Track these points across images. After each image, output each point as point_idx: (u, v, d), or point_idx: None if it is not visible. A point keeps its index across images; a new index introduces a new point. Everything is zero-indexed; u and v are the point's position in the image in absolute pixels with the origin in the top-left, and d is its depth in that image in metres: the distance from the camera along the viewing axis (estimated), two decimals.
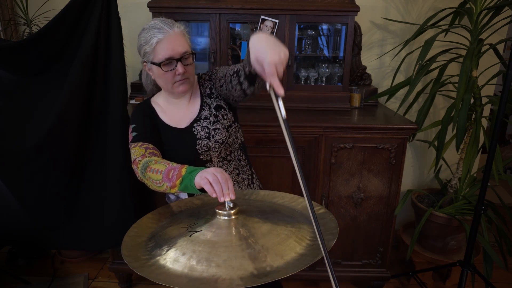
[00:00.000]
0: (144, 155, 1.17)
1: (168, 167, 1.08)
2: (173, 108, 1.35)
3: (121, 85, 1.75)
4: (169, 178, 1.06)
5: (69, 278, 2.40)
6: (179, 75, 1.22)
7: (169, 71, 1.21)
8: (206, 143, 1.30)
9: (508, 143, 4.02)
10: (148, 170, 1.11)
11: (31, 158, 1.69)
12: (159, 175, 1.08)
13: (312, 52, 2.37)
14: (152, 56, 1.21)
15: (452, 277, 2.35)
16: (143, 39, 1.23)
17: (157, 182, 1.08)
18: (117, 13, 1.70)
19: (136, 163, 1.17)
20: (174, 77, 1.23)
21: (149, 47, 1.20)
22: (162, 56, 1.19)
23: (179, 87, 1.25)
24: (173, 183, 1.05)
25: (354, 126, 1.99)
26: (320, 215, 1.08)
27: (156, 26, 1.20)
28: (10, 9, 2.47)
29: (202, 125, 1.31)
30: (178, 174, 1.05)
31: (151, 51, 1.21)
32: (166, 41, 1.18)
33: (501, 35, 2.35)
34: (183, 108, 1.35)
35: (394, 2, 2.47)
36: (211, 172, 1.00)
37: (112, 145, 1.78)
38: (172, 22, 1.22)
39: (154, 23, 1.22)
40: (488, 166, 1.80)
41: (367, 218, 2.14)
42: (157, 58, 1.20)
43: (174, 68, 1.21)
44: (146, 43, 1.21)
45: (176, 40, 1.20)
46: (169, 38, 1.19)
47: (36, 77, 1.71)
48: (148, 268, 0.88)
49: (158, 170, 1.09)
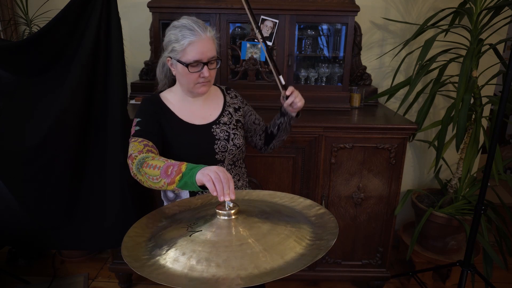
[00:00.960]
0: (141, 151, 1.17)
1: (167, 163, 1.07)
2: (186, 105, 1.37)
3: (121, 85, 1.76)
4: (167, 174, 1.05)
5: (69, 278, 2.40)
6: (203, 78, 1.27)
7: (195, 73, 1.25)
8: (224, 144, 1.35)
9: (508, 143, 4.02)
10: (144, 166, 1.10)
11: (31, 158, 1.69)
12: (156, 171, 1.07)
13: (312, 52, 2.37)
14: (180, 55, 1.24)
15: (452, 277, 2.35)
16: (174, 36, 1.25)
17: (154, 178, 1.07)
18: (117, 13, 1.70)
19: (132, 158, 1.16)
20: (198, 79, 1.27)
21: (180, 46, 1.23)
22: (191, 58, 1.23)
23: (200, 88, 1.29)
24: (171, 179, 1.04)
25: (354, 126, 1.99)
26: (320, 215, 1.08)
27: (190, 27, 1.23)
28: (10, 9, 2.47)
29: (222, 128, 1.37)
30: (178, 170, 1.04)
31: (181, 50, 1.23)
32: (197, 44, 1.22)
33: (501, 35, 2.35)
34: (198, 107, 1.38)
35: (394, 2, 2.47)
36: (213, 170, 1.00)
37: (112, 145, 1.79)
38: (204, 25, 1.26)
39: (187, 22, 1.24)
40: (488, 166, 1.80)
41: (367, 218, 2.14)
42: (185, 58, 1.24)
43: (200, 71, 1.25)
44: (176, 41, 1.24)
45: (207, 44, 1.24)
46: (201, 41, 1.22)
47: (36, 77, 1.71)
48: (148, 268, 0.88)
49: (156, 166, 1.08)
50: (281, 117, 1.42)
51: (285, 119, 1.42)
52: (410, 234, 2.47)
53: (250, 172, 2.06)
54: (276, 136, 1.48)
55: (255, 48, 2.18)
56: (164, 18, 2.16)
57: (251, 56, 2.19)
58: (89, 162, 1.82)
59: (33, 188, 1.74)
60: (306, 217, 1.07)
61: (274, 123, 1.46)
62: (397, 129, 1.98)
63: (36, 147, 1.67)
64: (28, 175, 1.72)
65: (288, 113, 1.39)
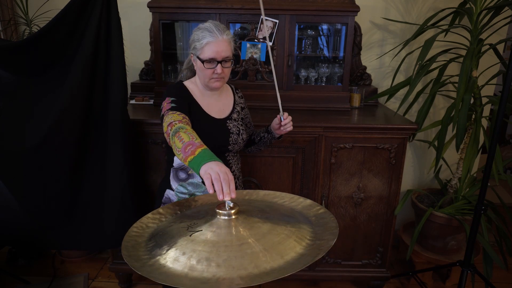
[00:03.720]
0: (181, 120, 1.29)
1: (191, 141, 1.17)
2: (206, 98, 1.52)
3: (121, 85, 1.76)
4: (185, 151, 1.14)
5: (69, 278, 2.40)
6: (217, 74, 1.42)
7: (209, 69, 1.41)
8: (236, 137, 1.53)
9: (508, 143, 4.02)
10: (176, 135, 1.21)
11: (31, 158, 1.69)
12: (180, 144, 1.17)
13: (312, 52, 2.37)
14: (199, 52, 1.41)
15: (452, 277, 2.35)
16: (196, 36, 1.42)
17: (177, 149, 1.18)
18: (117, 13, 1.70)
19: (172, 125, 1.26)
20: (212, 74, 1.42)
21: (199, 45, 1.40)
22: (207, 56, 1.39)
23: (214, 83, 1.45)
24: (186, 157, 1.13)
25: (354, 126, 1.99)
26: (320, 215, 1.08)
27: (210, 29, 1.40)
28: (10, 9, 2.47)
29: (233, 124, 1.55)
30: (193, 152, 1.12)
31: (200, 48, 1.40)
32: (213, 45, 1.39)
33: (501, 35, 2.35)
34: (214, 101, 1.54)
35: (394, 2, 2.47)
36: (215, 170, 1.02)
37: (112, 145, 1.79)
38: (224, 28, 1.42)
39: (208, 25, 1.41)
40: (488, 166, 1.80)
41: (367, 218, 2.14)
42: (203, 55, 1.40)
43: (214, 67, 1.41)
44: (197, 41, 1.41)
45: (222, 45, 1.40)
46: (217, 42, 1.39)
47: (36, 77, 1.71)
48: (148, 268, 0.88)
49: (183, 139, 1.18)
50: (265, 133, 1.63)
51: (268, 136, 1.63)
52: (410, 234, 2.47)
53: (250, 172, 2.06)
54: (256, 144, 1.69)
55: (255, 48, 2.18)
56: (164, 18, 2.16)
57: (251, 56, 2.19)
58: (89, 162, 1.82)
59: (33, 188, 1.74)
60: (306, 217, 1.07)
61: (258, 134, 1.68)
62: (397, 129, 1.98)
63: (36, 147, 1.67)
64: (28, 175, 1.72)
65: (273, 132, 1.59)
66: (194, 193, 1.52)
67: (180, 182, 1.52)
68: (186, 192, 1.52)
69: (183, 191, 1.52)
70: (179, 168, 1.52)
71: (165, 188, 1.55)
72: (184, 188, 1.52)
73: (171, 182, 1.54)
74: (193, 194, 1.51)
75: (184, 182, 1.52)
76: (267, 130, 1.63)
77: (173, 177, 1.54)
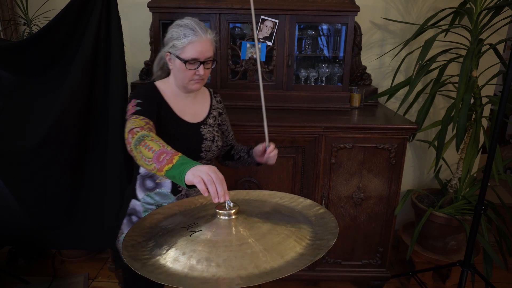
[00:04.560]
0: (143, 127, 1.19)
1: (162, 149, 1.08)
2: (179, 100, 1.43)
3: (121, 85, 1.75)
4: (159, 160, 1.05)
5: (69, 278, 2.40)
6: (198, 76, 1.34)
7: (191, 70, 1.32)
8: (210, 144, 1.43)
9: (508, 143, 4.02)
10: (142, 144, 1.11)
11: (31, 158, 1.69)
12: (150, 153, 1.08)
13: (312, 52, 2.37)
14: (180, 51, 1.31)
15: (452, 277, 2.35)
16: (176, 34, 1.32)
17: (147, 160, 1.08)
18: (117, 13, 1.70)
19: (133, 133, 1.17)
20: (193, 76, 1.34)
21: (180, 43, 1.31)
22: (190, 56, 1.30)
23: (194, 85, 1.36)
24: (161, 166, 1.04)
25: (354, 126, 1.99)
26: (320, 215, 1.08)
27: (192, 27, 1.31)
28: (10, 9, 2.47)
29: (208, 129, 1.45)
30: (169, 160, 1.03)
31: (181, 47, 1.31)
32: (197, 44, 1.30)
33: (501, 35, 2.35)
34: (189, 103, 1.45)
35: (394, 2, 2.47)
36: (205, 172, 0.98)
37: (112, 145, 1.78)
38: (205, 27, 1.35)
39: (189, 22, 1.32)
40: (488, 166, 1.80)
41: (367, 218, 2.14)
42: (184, 55, 1.31)
43: (196, 68, 1.32)
44: (178, 39, 1.31)
45: (206, 45, 1.32)
46: (200, 42, 1.31)
47: (36, 77, 1.71)
48: (148, 268, 0.88)
49: (152, 148, 1.09)
50: (246, 154, 1.55)
51: (248, 160, 1.55)
52: (410, 234, 2.47)
53: (250, 172, 2.06)
54: (234, 161, 1.61)
55: (255, 48, 2.18)
56: (164, 18, 2.16)
57: (251, 56, 2.19)
58: (89, 162, 1.82)
59: (33, 188, 1.74)
60: (306, 217, 1.08)
61: (238, 151, 1.59)
62: (397, 129, 1.98)
63: (36, 147, 1.67)
64: (28, 175, 1.72)
65: (254, 157, 1.51)
66: (161, 203, 1.40)
67: (147, 191, 1.41)
68: (153, 202, 1.41)
69: (150, 202, 1.41)
70: (146, 176, 1.41)
71: (131, 198, 1.45)
72: (151, 199, 1.41)
73: (137, 191, 1.43)
74: (160, 205, 1.40)
75: (151, 191, 1.41)
76: (248, 152, 1.54)
77: (139, 185, 1.43)
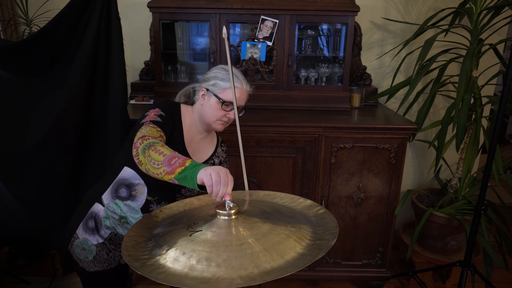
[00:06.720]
0: (156, 137, 1.21)
1: (173, 154, 1.10)
2: (192, 131, 1.46)
3: (121, 85, 1.75)
4: (170, 163, 1.06)
5: (69, 278, 2.39)
6: (227, 118, 1.41)
7: (224, 111, 1.39)
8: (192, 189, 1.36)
9: (508, 143, 4.02)
10: (152, 149, 1.12)
11: (31, 158, 1.69)
12: (161, 157, 1.09)
13: (312, 52, 2.37)
14: (220, 91, 1.38)
15: (452, 277, 2.35)
16: (221, 75, 1.40)
17: (156, 163, 1.08)
18: (117, 13, 1.70)
19: (144, 139, 1.18)
20: (222, 117, 1.40)
21: (224, 84, 1.38)
22: (229, 98, 1.37)
23: (219, 125, 1.42)
24: (172, 169, 1.05)
25: (354, 126, 1.99)
26: (320, 215, 1.08)
27: (237, 75, 1.41)
28: (10, 9, 2.47)
29: None
30: (182, 163, 1.05)
31: (223, 88, 1.38)
32: (238, 91, 1.38)
33: (501, 35, 2.35)
34: (198, 138, 1.48)
35: (394, 2, 2.47)
36: (216, 171, 1.00)
37: (112, 145, 1.78)
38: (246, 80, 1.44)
39: (236, 71, 1.42)
40: (488, 166, 1.80)
41: (367, 218, 2.14)
42: (224, 95, 1.38)
43: (229, 111, 1.40)
44: (222, 80, 1.39)
45: (244, 94, 1.42)
46: (241, 89, 1.40)
47: (36, 77, 1.70)
48: (148, 267, 0.88)
49: (162, 152, 1.10)
50: None
51: None
52: (410, 234, 2.47)
53: (250, 172, 2.06)
54: None
55: (255, 48, 2.18)
56: (164, 18, 2.16)
57: (251, 56, 2.19)
58: (89, 162, 1.82)
59: (33, 188, 1.74)
60: (306, 217, 1.07)
61: None
62: (397, 129, 1.98)
63: (36, 147, 1.67)
64: (28, 175, 1.71)
65: None
66: (126, 216, 1.35)
67: (116, 199, 1.36)
68: (117, 212, 1.35)
69: (115, 210, 1.35)
70: (123, 184, 1.36)
71: (94, 201, 1.39)
72: (118, 208, 1.35)
73: (104, 195, 1.38)
74: (124, 217, 1.36)
75: (121, 201, 1.35)
76: None
77: (110, 190, 1.37)
